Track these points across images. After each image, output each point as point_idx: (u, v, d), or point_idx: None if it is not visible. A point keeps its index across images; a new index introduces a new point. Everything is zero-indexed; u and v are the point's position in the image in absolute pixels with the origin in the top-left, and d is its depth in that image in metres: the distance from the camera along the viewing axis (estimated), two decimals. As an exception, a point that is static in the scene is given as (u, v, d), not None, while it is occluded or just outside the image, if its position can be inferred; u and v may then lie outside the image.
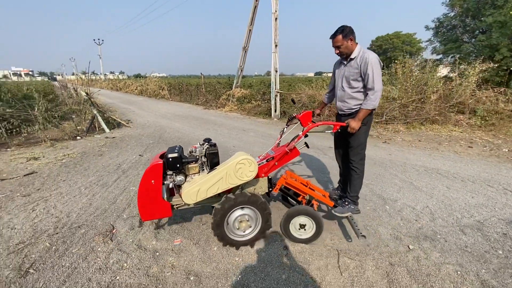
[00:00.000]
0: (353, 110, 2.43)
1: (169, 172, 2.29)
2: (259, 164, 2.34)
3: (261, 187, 2.42)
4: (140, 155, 5.29)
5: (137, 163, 4.79)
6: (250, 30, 11.49)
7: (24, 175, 4.15)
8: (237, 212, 2.22)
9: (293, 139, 2.40)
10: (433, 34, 14.54)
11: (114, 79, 41.42)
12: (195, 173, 2.36)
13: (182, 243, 2.44)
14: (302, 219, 2.33)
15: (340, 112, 2.59)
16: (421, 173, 4.13)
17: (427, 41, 14.99)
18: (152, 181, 2.09)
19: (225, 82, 15.91)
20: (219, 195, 2.28)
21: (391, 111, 7.70)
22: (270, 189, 2.52)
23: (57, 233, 2.59)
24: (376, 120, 7.63)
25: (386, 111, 7.72)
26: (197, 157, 2.36)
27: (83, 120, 8.27)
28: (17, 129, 6.63)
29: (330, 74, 3.06)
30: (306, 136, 2.39)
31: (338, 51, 2.34)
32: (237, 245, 2.29)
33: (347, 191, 2.65)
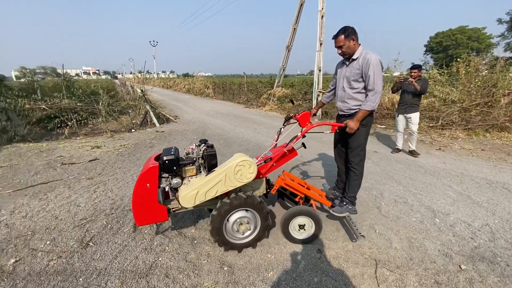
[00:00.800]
0: (353, 111, 2.45)
1: (165, 175, 2.20)
2: (258, 165, 2.31)
3: (259, 188, 2.40)
4: (184, 149, 5.64)
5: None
6: (295, 28, 11.37)
7: (89, 161, 4.77)
8: (235, 216, 2.16)
9: (291, 140, 2.39)
10: (508, 28, 12.64)
11: (165, 78, 44.80)
12: (192, 176, 2.23)
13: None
14: (300, 220, 2.32)
15: (340, 113, 2.62)
16: (482, 186, 3.64)
17: (499, 36, 13.11)
18: (148, 184, 1.97)
19: (266, 81, 16.04)
20: (217, 198, 2.19)
21: (448, 115, 6.93)
22: (268, 190, 2.51)
23: (112, 214, 2.93)
24: (431, 125, 6.94)
25: (443, 115, 6.97)
26: (194, 159, 2.24)
27: (138, 115, 9.12)
28: (85, 120, 7.62)
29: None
30: (304, 136, 2.39)
31: (340, 51, 2.37)
32: (239, 248, 2.24)
33: (345, 192, 2.68)
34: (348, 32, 2.27)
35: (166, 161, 2.05)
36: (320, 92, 9.24)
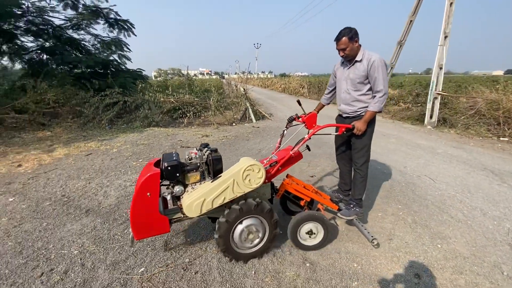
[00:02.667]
0: (358, 113, 2.41)
1: (165, 182, 2.02)
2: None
3: (265, 194, 2.24)
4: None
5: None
6: (411, 21, 9.91)
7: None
8: (244, 223, 2.00)
9: (297, 143, 2.31)
10: None
11: (264, 78, 47.70)
12: (196, 182, 2.05)
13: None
14: (307, 226, 2.21)
15: (344, 115, 2.56)
16: None
17: None
18: (148, 193, 1.80)
19: (369, 81, 14.65)
20: (223, 206, 1.99)
21: None
22: (273, 195, 2.39)
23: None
24: None
25: None
26: (198, 164, 2.06)
27: (238, 111, 10.15)
28: (199, 113, 9.10)
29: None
30: (309, 138, 2.31)
31: (343, 54, 2.30)
32: (245, 258, 2.09)
33: (351, 194, 2.63)
34: (352, 34, 2.22)
35: (169, 167, 1.87)
36: (438, 94, 7.76)
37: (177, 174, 1.90)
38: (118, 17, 10.55)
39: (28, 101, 7.59)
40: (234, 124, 8.55)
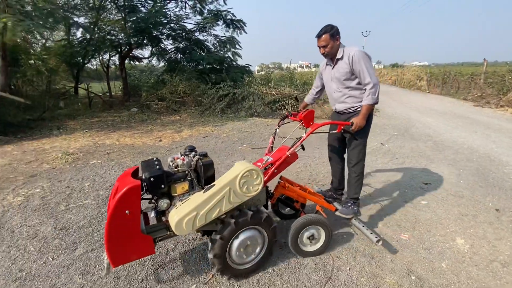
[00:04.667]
0: (354, 108, 2.31)
1: (147, 195, 1.71)
2: None
3: (260, 200, 2.00)
4: (381, 143, 5.37)
5: (377, 150, 4.94)
6: None
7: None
8: (240, 237, 1.74)
9: (295, 142, 2.10)
10: None
11: (370, 69, 43.09)
12: (184, 193, 1.76)
13: (410, 240, 2.31)
14: (309, 231, 2.03)
15: (341, 112, 2.42)
16: None
17: None
18: (127, 211, 1.46)
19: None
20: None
21: None
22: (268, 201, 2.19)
23: (309, 184, 3.48)
24: None
25: None
26: (186, 172, 1.76)
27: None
28: (298, 105, 9.22)
29: None
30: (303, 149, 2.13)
31: (323, 51, 2.24)
32: (243, 274, 1.84)
33: (347, 194, 2.52)
34: (333, 31, 2.15)
35: (151, 179, 1.58)
36: None
37: (162, 186, 1.63)
38: (234, 18, 11.84)
39: (166, 92, 9.68)
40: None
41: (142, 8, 10.74)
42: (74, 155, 4.71)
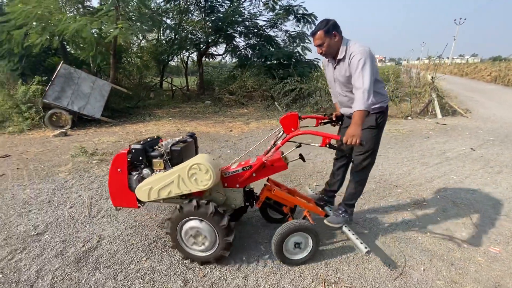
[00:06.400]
0: None
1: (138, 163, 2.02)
2: (233, 173, 1.96)
3: (235, 199, 2.03)
4: (471, 148, 4.68)
5: (466, 156, 4.33)
6: None
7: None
8: (188, 224, 1.86)
9: (271, 148, 2.02)
10: None
11: (460, 64, 36.68)
12: (160, 170, 1.97)
13: (501, 254, 2.06)
14: (294, 238, 1.91)
15: (350, 117, 1.98)
16: None
17: None
18: (119, 169, 1.93)
19: None
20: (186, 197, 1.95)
21: None
22: (253, 202, 2.17)
23: (380, 183, 3.34)
24: None
25: None
26: (162, 152, 1.95)
27: (419, 103, 8.68)
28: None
29: None
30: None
31: (320, 51, 1.97)
32: (198, 261, 1.95)
33: (343, 197, 2.27)
34: (328, 27, 1.89)
35: (133, 150, 1.95)
36: None
37: (140, 158, 1.96)
38: (305, 12, 11.72)
39: (236, 86, 10.33)
40: (410, 117, 7.48)
41: (221, 8, 11.63)
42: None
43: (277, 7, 11.82)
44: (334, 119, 2.29)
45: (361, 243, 1.87)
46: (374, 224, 2.48)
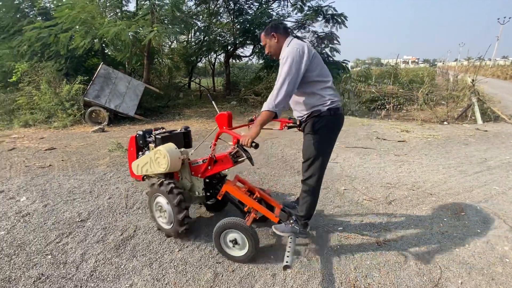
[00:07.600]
0: (303, 118, 1.92)
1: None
2: (197, 163, 2.19)
3: (198, 187, 2.26)
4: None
5: (510, 165, 4.00)
6: None
7: (398, 141, 5.33)
8: (157, 199, 2.25)
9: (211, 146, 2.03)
10: None
11: (504, 66, 33.68)
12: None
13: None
14: (231, 235, 1.96)
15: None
16: None
17: None
18: (131, 148, 2.47)
19: None
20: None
21: None
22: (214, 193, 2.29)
23: (413, 190, 3.19)
24: None
25: None
26: (153, 139, 2.36)
27: (456, 107, 8.15)
28: (401, 106, 8.29)
29: None
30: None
31: (267, 52, 1.99)
32: (164, 233, 2.29)
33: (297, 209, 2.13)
34: (267, 28, 1.92)
35: (137, 135, 2.41)
36: None
37: (141, 142, 2.41)
38: (335, 12, 11.48)
39: (262, 87, 10.40)
40: (446, 122, 7.04)
41: (249, 10, 11.77)
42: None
43: (306, 8, 11.72)
44: (298, 123, 2.10)
45: (288, 256, 1.76)
46: (406, 231, 2.38)
